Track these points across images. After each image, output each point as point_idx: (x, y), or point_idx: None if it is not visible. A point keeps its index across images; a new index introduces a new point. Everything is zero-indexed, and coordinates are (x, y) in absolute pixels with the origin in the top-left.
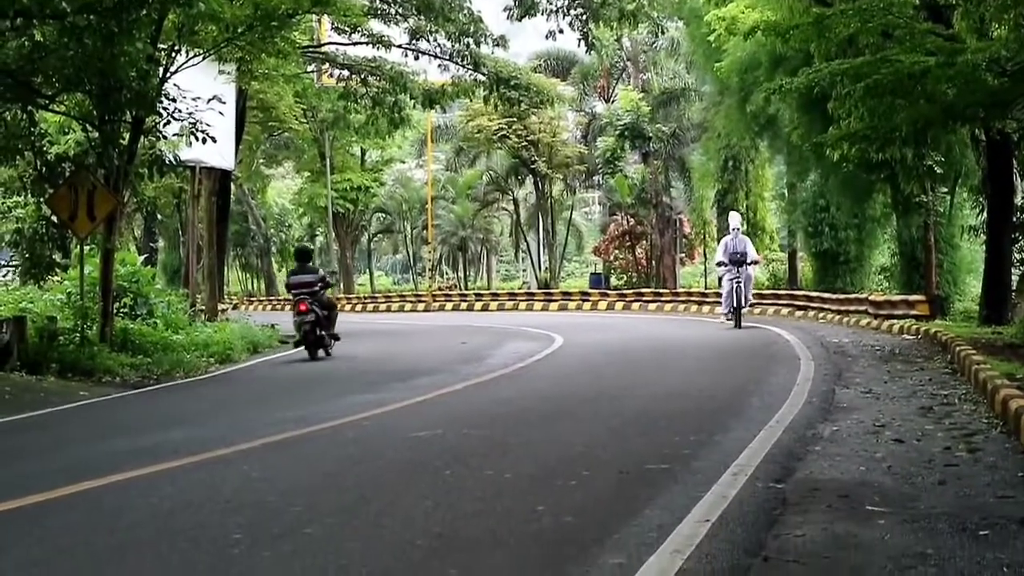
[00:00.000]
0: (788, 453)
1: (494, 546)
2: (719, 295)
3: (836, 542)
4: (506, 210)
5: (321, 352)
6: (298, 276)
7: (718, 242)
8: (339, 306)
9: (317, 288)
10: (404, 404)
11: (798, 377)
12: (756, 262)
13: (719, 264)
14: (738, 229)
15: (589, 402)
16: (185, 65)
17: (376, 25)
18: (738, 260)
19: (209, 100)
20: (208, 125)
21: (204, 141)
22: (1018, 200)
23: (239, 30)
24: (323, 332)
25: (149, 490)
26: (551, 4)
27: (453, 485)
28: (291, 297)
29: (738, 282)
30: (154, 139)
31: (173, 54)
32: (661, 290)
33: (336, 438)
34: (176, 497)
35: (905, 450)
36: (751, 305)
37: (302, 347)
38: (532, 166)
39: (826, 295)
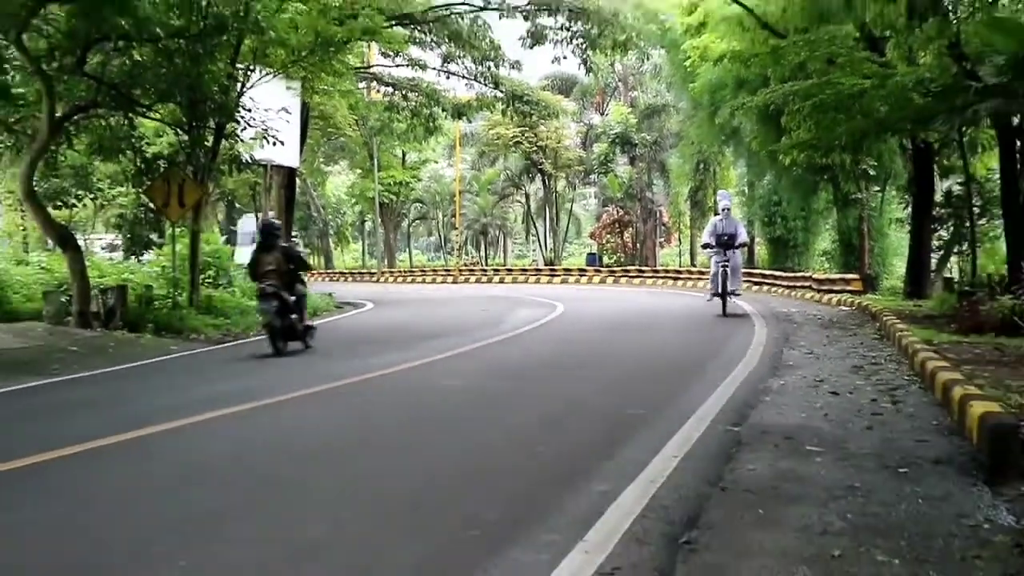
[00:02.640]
0: (743, 403)
1: (503, 476)
2: (692, 273)
3: (781, 475)
4: (519, 202)
5: None
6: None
7: (691, 230)
8: (384, 278)
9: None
10: (435, 359)
11: (753, 340)
12: (745, 244)
13: (704, 247)
14: (728, 209)
15: (584, 359)
16: (259, 81)
17: (415, 51)
18: (726, 243)
19: (278, 111)
20: (277, 130)
21: (274, 144)
22: (937, 197)
23: (303, 53)
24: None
25: (225, 429)
26: (557, 35)
27: (472, 427)
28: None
29: (725, 266)
30: (233, 141)
31: (249, 72)
32: (644, 268)
33: (376, 387)
34: (246, 435)
35: (839, 401)
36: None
37: None
38: (540, 167)
39: (778, 273)
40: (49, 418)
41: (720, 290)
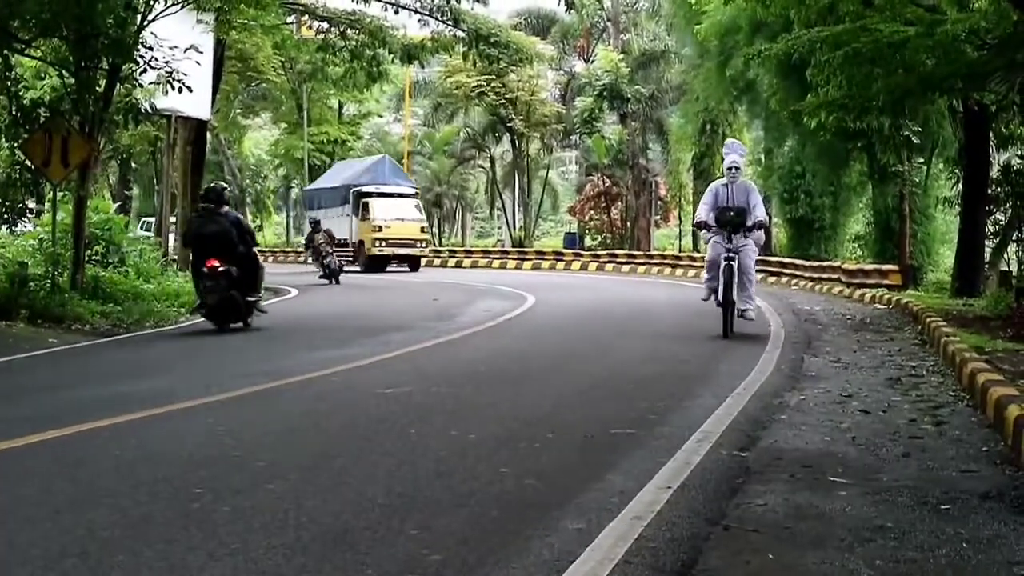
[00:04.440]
0: (753, 421)
1: (455, 507)
2: (694, 260)
3: (797, 512)
4: (482, 167)
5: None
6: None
7: (694, 206)
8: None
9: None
10: (374, 360)
11: (768, 344)
12: (763, 225)
13: (699, 226)
14: (737, 168)
15: (558, 363)
16: (163, 13)
17: None
18: (732, 221)
19: (186, 49)
20: (184, 75)
21: (180, 90)
22: (994, 173)
23: None
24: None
25: (113, 441)
26: None
27: (418, 444)
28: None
29: (731, 260)
30: (130, 87)
31: (151, 2)
32: (635, 252)
33: (304, 393)
34: (140, 449)
35: (871, 421)
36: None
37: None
38: (509, 124)
39: (799, 262)
40: None
41: (723, 296)
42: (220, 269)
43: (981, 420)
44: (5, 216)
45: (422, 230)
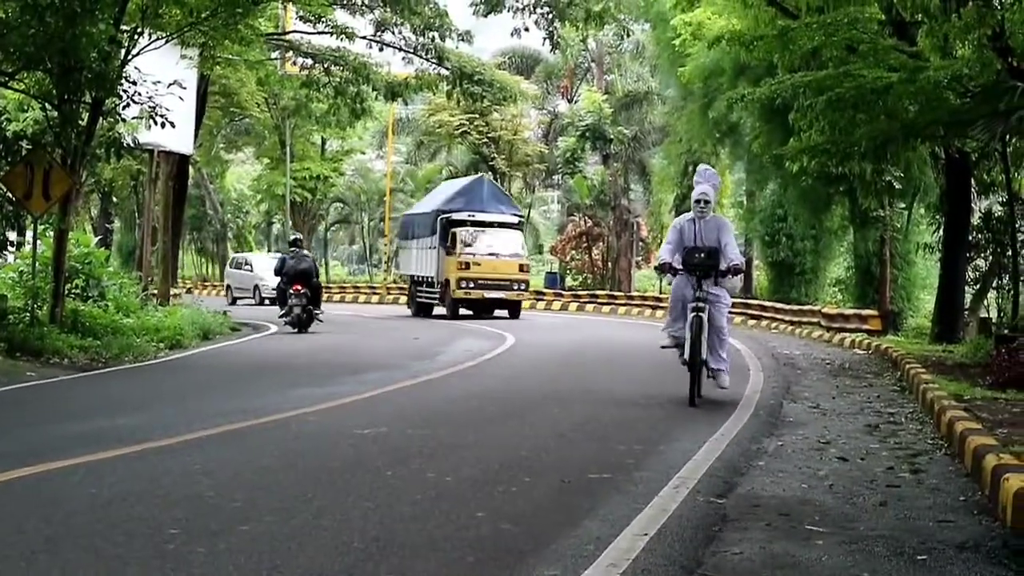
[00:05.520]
0: (731, 467)
1: (430, 551)
2: None
3: (773, 561)
4: None
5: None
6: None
7: None
8: None
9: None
10: (351, 400)
11: (746, 389)
12: (738, 270)
13: (662, 268)
14: (707, 203)
15: (537, 405)
16: (147, 48)
17: (341, 15)
18: (704, 263)
19: (170, 84)
20: (168, 109)
21: (163, 125)
22: (974, 219)
23: (203, 15)
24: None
25: (89, 479)
26: (518, 1)
27: (394, 487)
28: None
29: (699, 310)
30: (113, 121)
31: (136, 36)
32: (616, 293)
33: (280, 433)
34: (116, 487)
35: (848, 469)
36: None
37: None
38: (492, 163)
39: (780, 305)
40: None
41: (689, 355)
42: (302, 291)
43: (959, 469)
44: None
45: (521, 268)
